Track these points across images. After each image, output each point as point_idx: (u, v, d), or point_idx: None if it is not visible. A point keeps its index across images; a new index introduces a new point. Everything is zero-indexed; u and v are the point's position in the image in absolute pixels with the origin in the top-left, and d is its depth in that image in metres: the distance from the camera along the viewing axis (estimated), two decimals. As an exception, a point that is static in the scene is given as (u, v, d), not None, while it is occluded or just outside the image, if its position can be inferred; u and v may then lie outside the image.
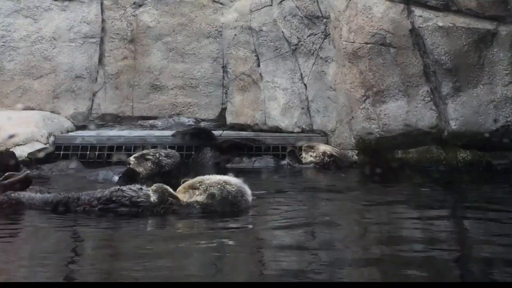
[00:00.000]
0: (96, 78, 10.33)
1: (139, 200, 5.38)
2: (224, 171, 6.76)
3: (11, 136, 8.50)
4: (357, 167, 8.28)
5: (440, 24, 8.05)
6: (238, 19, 10.13)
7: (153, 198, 5.38)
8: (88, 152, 8.68)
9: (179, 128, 9.36)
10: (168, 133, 9.10)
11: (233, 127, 9.94)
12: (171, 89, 10.35)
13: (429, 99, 8.22)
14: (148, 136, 9.01)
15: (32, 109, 10.03)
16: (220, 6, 10.55)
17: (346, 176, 7.95)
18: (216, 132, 9.09)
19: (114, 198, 5.40)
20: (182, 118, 10.17)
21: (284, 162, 8.50)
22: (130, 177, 7.12)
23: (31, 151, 8.49)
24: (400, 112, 8.24)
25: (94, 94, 10.32)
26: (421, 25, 8.11)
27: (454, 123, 8.10)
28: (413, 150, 8.33)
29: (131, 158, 7.53)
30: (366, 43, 8.30)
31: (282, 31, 9.67)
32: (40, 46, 10.29)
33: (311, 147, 8.52)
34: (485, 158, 8.19)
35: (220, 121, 10.20)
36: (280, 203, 5.91)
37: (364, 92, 8.35)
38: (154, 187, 5.46)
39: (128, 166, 7.46)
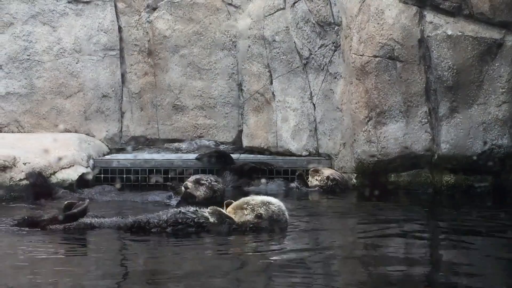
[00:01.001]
0: (122, 97, 11.51)
1: (201, 221, 6.38)
2: (243, 194, 8.23)
3: (60, 159, 9.53)
4: (356, 190, 9.25)
5: (449, 32, 8.83)
6: (252, 27, 10.97)
7: (213, 219, 6.40)
8: (124, 176, 9.89)
9: (201, 151, 10.57)
10: (193, 156, 10.28)
11: (249, 150, 11.01)
12: (192, 109, 11.53)
13: (425, 120, 9.03)
14: (176, 159, 10.25)
15: (69, 131, 11.22)
16: (234, 9, 11.47)
17: (342, 199, 9.00)
18: (234, 156, 10.25)
19: (180, 220, 6.38)
20: (204, 141, 11.36)
21: (293, 185, 9.53)
22: (187, 200, 7.85)
23: (76, 174, 9.53)
24: (399, 134, 9.08)
25: (122, 115, 11.52)
26: (430, 34, 8.88)
27: (445, 146, 9.00)
28: (405, 174, 9.16)
29: (189, 183, 8.34)
30: (375, 56, 9.03)
31: (294, 42, 10.39)
32: (64, 60, 11.37)
33: (317, 171, 9.51)
34: (467, 181, 9.05)
35: (237, 143, 11.38)
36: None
37: (367, 113, 9.14)
38: (210, 209, 6.47)
39: (185, 190, 8.24)
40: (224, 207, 6.67)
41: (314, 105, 10.41)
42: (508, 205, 8.66)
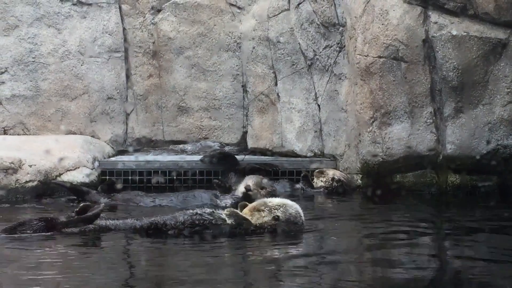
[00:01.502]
0: (127, 98, 11.63)
1: (219, 223, 6.43)
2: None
3: (61, 159, 9.64)
4: (360, 191, 9.33)
5: (454, 32, 8.87)
6: (256, 28, 11.03)
7: (230, 221, 6.45)
8: (129, 177, 9.97)
9: (206, 153, 10.61)
10: (197, 157, 10.35)
11: (254, 151, 11.09)
12: (196, 111, 11.65)
13: (431, 121, 9.10)
14: (180, 160, 10.34)
15: (74, 133, 11.31)
16: (238, 11, 11.63)
17: (348, 200, 9.07)
18: (239, 157, 10.32)
19: (197, 222, 6.42)
20: (209, 142, 11.49)
21: (298, 186, 9.55)
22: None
23: (81, 176, 9.63)
24: (403, 135, 9.12)
25: (127, 117, 11.64)
26: (435, 34, 8.92)
27: (450, 147, 9.05)
28: (410, 174, 9.22)
29: (252, 187, 8.29)
30: (379, 56, 9.08)
31: (299, 43, 10.43)
32: (69, 62, 11.46)
33: (322, 172, 9.58)
34: (471, 181, 9.12)
35: (242, 144, 11.50)
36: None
37: (372, 113, 9.19)
38: (227, 211, 6.51)
39: (246, 192, 8.17)
40: (239, 208, 6.73)
41: (319, 106, 10.46)
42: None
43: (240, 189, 8.39)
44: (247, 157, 10.67)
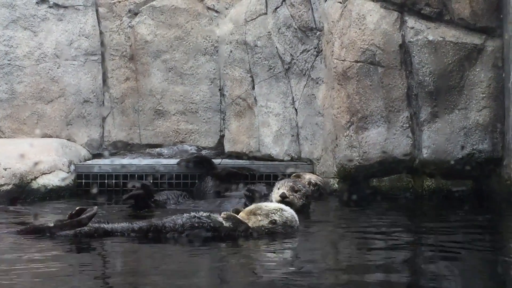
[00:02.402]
0: (103, 102, 11.61)
1: (217, 225, 6.57)
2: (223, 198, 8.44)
3: (36, 164, 9.59)
4: (337, 195, 9.35)
5: (430, 38, 8.93)
6: (234, 32, 11.03)
7: (228, 224, 6.60)
8: (105, 181, 9.98)
9: (183, 156, 10.68)
10: (174, 161, 10.38)
11: (231, 155, 11.10)
12: (173, 114, 11.65)
13: (407, 125, 9.16)
14: (156, 164, 10.37)
15: (50, 136, 11.27)
16: (215, 15, 11.62)
17: (324, 204, 9.11)
18: (216, 161, 10.33)
19: (196, 224, 6.54)
20: (186, 146, 11.47)
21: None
22: None
23: (57, 179, 9.64)
24: (380, 139, 9.18)
25: (103, 120, 11.62)
26: (411, 39, 8.98)
27: (426, 151, 9.11)
28: (386, 178, 9.28)
29: (286, 192, 8.02)
30: (356, 61, 9.14)
31: (276, 47, 10.42)
32: (45, 65, 11.40)
33: (298, 177, 9.35)
34: (446, 186, 9.21)
35: (219, 148, 11.49)
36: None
37: (349, 118, 9.24)
38: (224, 214, 6.67)
39: (282, 199, 7.86)
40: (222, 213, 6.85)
41: (296, 110, 10.50)
42: (487, 210, 8.82)
43: (274, 197, 8.15)
44: (224, 161, 10.68)
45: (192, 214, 6.69)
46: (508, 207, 8.69)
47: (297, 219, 6.95)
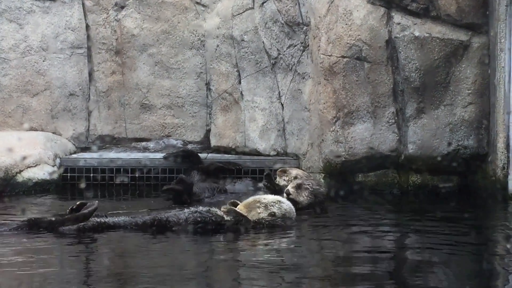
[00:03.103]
0: (89, 96, 11.55)
1: (219, 219, 6.79)
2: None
3: (25, 158, 9.58)
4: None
5: (417, 33, 8.98)
6: (221, 26, 10.99)
7: (229, 217, 6.83)
8: (91, 175, 9.95)
9: (169, 151, 10.66)
10: (160, 155, 10.37)
11: (217, 149, 11.09)
12: (160, 108, 11.60)
13: (393, 121, 9.21)
14: (143, 158, 10.34)
15: (35, 129, 11.21)
16: (202, 9, 11.53)
17: None
18: (202, 155, 10.33)
19: (199, 219, 6.74)
20: (172, 140, 11.44)
21: (261, 185, 9.29)
22: None
23: (42, 173, 9.62)
24: (366, 135, 9.22)
25: (89, 114, 11.56)
26: (398, 35, 9.03)
27: (412, 147, 9.18)
28: (372, 174, 9.33)
29: (290, 189, 8.10)
30: (343, 56, 9.16)
31: (263, 42, 10.41)
32: (31, 58, 11.33)
33: (284, 172, 9.30)
34: (432, 181, 9.27)
35: (205, 143, 11.45)
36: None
37: (335, 113, 9.26)
38: (224, 208, 6.89)
39: (287, 196, 7.91)
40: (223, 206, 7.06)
41: (282, 105, 10.50)
42: (472, 205, 8.88)
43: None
44: (210, 155, 10.68)
45: (193, 209, 6.85)
46: (493, 203, 8.77)
47: (294, 210, 7.17)
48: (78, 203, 6.76)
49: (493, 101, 9.07)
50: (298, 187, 8.17)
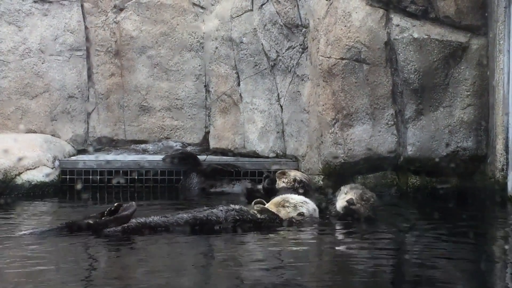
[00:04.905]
0: (88, 98, 11.53)
1: (255, 218, 7.05)
2: (209, 195, 8.39)
3: (20, 159, 9.58)
4: (321, 192, 9.14)
5: (415, 35, 9.00)
6: (219, 28, 11.04)
7: (263, 216, 7.10)
8: (90, 177, 9.97)
9: (168, 152, 10.65)
10: (159, 157, 10.38)
11: (216, 151, 11.10)
12: (158, 110, 11.58)
13: (392, 123, 9.21)
14: (141, 160, 10.35)
15: (34, 132, 11.20)
16: (201, 11, 11.53)
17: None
18: (201, 157, 10.35)
19: (238, 217, 6.96)
20: (171, 142, 11.43)
21: (260, 186, 9.36)
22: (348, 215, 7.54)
23: (41, 175, 9.64)
24: (365, 136, 9.22)
25: (88, 116, 11.54)
26: (397, 37, 9.04)
27: (411, 149, 9.18)
28: (371, 175, 9.30)
29: (354, 199, 7.58)
30: (342, 58, 9.15)
31: (262, 43, 10.46)
32: (30, 60, 11.31)
33: (283, 173, 9.32)
34: (431, 183, 9.26)
35: (204, 145, 11.44)
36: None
37: (334, 115, 9.26)
38: (257, 207, 7.18)
39: (348, 205, 7.50)
40: (253, 205, 7.34)
41: (281, 107, 10.51)
42: (471, 207, 8.87)
43: (341, 201, 7.72)
44: (209, 157, 10.69)
45: (230, 207, 7.07)
46: (492, 204, 8.76)
47: (318, 211, 7.50)
48: (115, 204, 6.72)
49: (492, 102, 9.08)
50: (361, 198, 7.71)
